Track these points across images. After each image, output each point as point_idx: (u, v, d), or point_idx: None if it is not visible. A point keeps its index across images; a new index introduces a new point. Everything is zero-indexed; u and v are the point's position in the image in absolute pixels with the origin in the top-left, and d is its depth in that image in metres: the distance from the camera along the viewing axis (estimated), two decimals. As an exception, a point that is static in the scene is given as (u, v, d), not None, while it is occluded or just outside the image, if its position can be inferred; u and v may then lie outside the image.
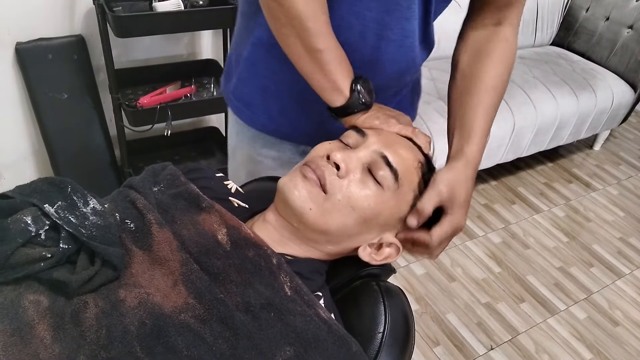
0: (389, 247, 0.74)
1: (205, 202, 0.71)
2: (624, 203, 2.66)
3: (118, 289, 0.59)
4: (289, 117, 0.95)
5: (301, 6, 0.71)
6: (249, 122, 0.99)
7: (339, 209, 0.69)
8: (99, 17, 1.65)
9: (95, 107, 1.94)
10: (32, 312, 0.56)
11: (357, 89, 0.77)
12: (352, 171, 0.70)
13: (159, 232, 0.64)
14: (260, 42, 0.89)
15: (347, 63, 0.78)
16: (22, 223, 0.59)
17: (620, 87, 2.72)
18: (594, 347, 1.86)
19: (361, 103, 0.77)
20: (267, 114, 0.96)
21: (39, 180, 0.65)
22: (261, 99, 0.95)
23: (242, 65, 0.95)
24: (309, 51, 0.74)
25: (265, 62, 0.91)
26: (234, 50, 1.00)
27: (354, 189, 0.69)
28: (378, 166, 0.70)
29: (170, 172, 0.77)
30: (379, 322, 0.70)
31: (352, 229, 0.71)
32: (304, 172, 0.70)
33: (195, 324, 0.57)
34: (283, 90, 0.93)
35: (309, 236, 0.72)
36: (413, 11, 0.80)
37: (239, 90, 0.98)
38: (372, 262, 0.74)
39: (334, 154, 0.70)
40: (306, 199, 0.68)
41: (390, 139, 0.75)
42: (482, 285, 2.05)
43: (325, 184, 0.69)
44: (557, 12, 2.95)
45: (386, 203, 0.70)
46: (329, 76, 0.76)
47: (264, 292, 0.62)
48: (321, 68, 0.75)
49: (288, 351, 0.58)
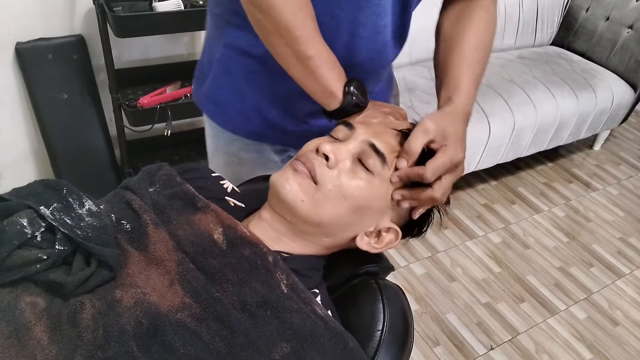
0: (387, 233, 0.74)
1: (201, 202, 0.71)
2: (624, 203, 2.65)
3: (114, 290, 0.60)
4: (266, 117, 0.94)
5: (289, 15, 0.71)
6: (224, 125, 0.99)
7: (331, 199, 0.69)
8: (99, 17, 1.66)
9: (95, 107, 1.94)
10: (29, 313, 0.56)
11: (350, 92, 0.78)
12: (341, 161, 0.70)
13: (155, 232, 0.65)
14: (233, 43, 0.89)
15: (338, 67, 0.79)
16: (17, 225, 0.59)
17: (620, 87, 2.72)
18: (594, 347, 1.86)
19: (355, 105, 0.78)
20: (243, 116, 0.95)
21: (35, 182, 0.65)
22: (236, 101, 0.94)
23: (215, 67, 0.94)
24: (300, 58, 0.75)
25: (239, 63, 0.90)
26: (206, 52, 0.98)
27: (344, 178, 0.69)
28: (367, 155, 0.70)
29: (165, 173, 0.77)
30: (378, 320, 0.70)
31: (345, 218, 0.71)
32: (294, 165, 0.71)
33: (192, 323, 0.58)
34: (259, 91, 0.92)
35: (304, 230, 0.72)
36: (384, 7, 0.81)
37: (212, 93, 0.97)
38: (371, 250, 0.73)
39: (323, 145, 0.70)
40: (297, 191, 0.69)
41: (379, 129, 0.74)
42: (482, 285, 2.05)
43: (316, 175, 0.69)
44: (557, 12, 2.95)
45: (378, 189, 0.70)
46: (321, 81, 0.77)
47: (260, 291, 0.62)
48: (313, 74, 0.76)
49: (285, 348, 0.58)
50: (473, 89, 0.80)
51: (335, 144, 0.72)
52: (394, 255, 2.10)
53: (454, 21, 0.87)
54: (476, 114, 2.20)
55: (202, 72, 0.99)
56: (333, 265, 0.78)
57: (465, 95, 0.79)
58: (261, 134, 0.97)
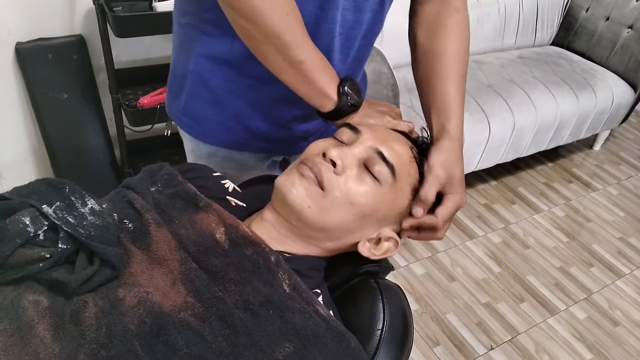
0: (387, 242, 0.74)
1: (203, 201, 0.71)
2: (624, 203, 2.66)
3: (117, 288, 0.59)
4: (247, 126, 0.92)
5: (275, 22, 0.71)
6: (203, 139, 0.96)
7: (338, 205, 0.69)
8: (99, 17, 1.66)
9: (95, 107, 1.94)
10: (32, 312, 0.56)
11: (344, 92, 0.78)
12: (348, 167, 0.70)
13: (157, 231, 0.65)
14: (208, 52, 0.86)
15: (330, 68, 0.79)
16: (20, 224, 0.59)
17: (620, 87, 2.72)
18: (594, 347, 1.86)
19: (351, 105, 0.79)
20: (223, 127, 0.93)
21: (37, 181, 0.65)
22: (215, 112, 0.91)
23: (190, 79, 0.90)
24: (291, 64, 0.75)
25: (215, 73, 0.87)
26: (178, 64, 0.93)
27: (351, 185, 0.69)
28: (374, 162, 0.70)
29: (167, 172, 0.77)
30: (378, 319, 0.70)
31: (351, 224, 0.71)
32: (300, 170, 0.70)
33: (195, 322, 0.58)
34: (239, 100, 0.90)
35: (308, 233, 0.72)
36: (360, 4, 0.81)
37: (189, 106, 0.93)
38: (371, 256, 0.74)
39: (330, 151, 0.70)
40: (304, 196, 0.69)
41: (384, 134, 0.75)
42: (482, 285, 2.05)
43: (323, 181, 0.69)
44: (557, 12, 2.95)
45: (384, 198, 0.71)
46: (314, 84, 0.77)
47: (262, 290, 0.62)
48: (306, 78, 0.76)
49: (287, 348, 0.58)
50: (461, 108, 0.83)
51: (342, 148, 0.72)
52: (394, 255, 2.10)
53: (428, 31, 0.87)
54: (476, 114, 2.20)
55: (176, 85, 0.95)
56: (333, 265, 0.78)
57: (457, 119, 0.81)
58: (243, 143, 0.95)
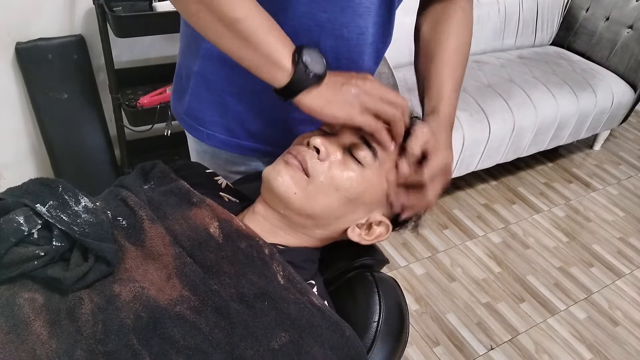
0: (378, 226, 0.75)
1: (196, 197, 0.72)
2: (624, 203, 2.65)
3: (112, 284, 0.60)
4: (250, 129, 0.90)
5: None
6: (206, 140, 0.93)
7: (323, 190, 0.70)
8: (99, 17, 1.66)
9: (95, 107, 1.94)
10: (28, 309, 0.57)
11: (302, 60, 0.65)
12: (332, 153, 0.71)
13: (151, 227, 0.65)
14: (211, 52, 0.83)
15: (279, 30, 0.67)
16: (14, 223, 0.59)
17: (620, 87, 2.72)
18: (594, 347, 1.86)
19: (312, 76, 0.66)
20: (227, 130, 0.90)
21: (30, 181, 0.66)
22: (218, 115, 0.89)
23: (194, 81, 0.88)
24: (227, 24, 0.63)
25: (219, 74, 0.85)
26: (183, 64, 0.91)
27: (335, 170, 0.70)
28: (358, 147, 0.71)
29: (160, 170, 0.78)
30: (374, 312, 0.71)
31: (337, 210, 0.72)
32: (285, 158, 0.72)
33: (191, 315, 0.58)
34: (242, 102, 0.87)
35: (297, 221, 0.73)
36: (367, 7, 0.79)
37: (193, 108, 0.91)
38: (362, 242, 0.75)
39: (314, 139, 0.71)
40: (290, 184, 0.70)
41: None
42: (482, 285, 2.04)
43: (307, 168, 0.70)
44: (557, 12, 2.95)
45: (369, 181, 0.71)
46: (259, 48, 0.65)
47: (257, 282, 0.63)
48: (247, 40, 0.64)
49: (283, 337, 0.59)
50: (455, 95, 0.82)
51: (326, 136, 0.73)
52: (394, 255, 2.10)
53: (433, 24, 0.87)
54: (476, 114, 2.20)
55: (180, 86, 0.94)
56: (329, 259, 0.79)
57: (448, 103, 0.80)
58: (246, 147, 0.93)
